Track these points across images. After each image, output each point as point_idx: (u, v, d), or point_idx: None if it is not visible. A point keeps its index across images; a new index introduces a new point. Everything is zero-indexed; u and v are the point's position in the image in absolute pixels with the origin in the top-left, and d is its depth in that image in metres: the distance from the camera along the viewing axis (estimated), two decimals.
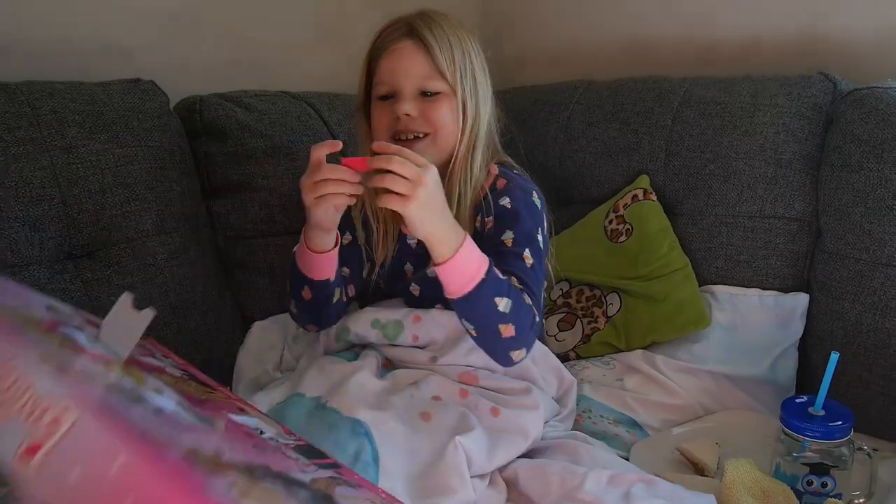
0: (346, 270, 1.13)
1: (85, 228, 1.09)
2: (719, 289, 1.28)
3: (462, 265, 0.93)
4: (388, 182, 0.87)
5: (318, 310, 1.10)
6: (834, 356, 0.92)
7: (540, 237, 1.07)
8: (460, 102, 1.04)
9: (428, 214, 0.90)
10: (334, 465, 0.75)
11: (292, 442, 0.77)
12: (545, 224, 1.09)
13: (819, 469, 0.91)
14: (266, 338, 1.24)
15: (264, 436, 0.75)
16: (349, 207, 1.12)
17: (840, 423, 0.91)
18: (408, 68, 1.03)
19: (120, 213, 1.12)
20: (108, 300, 1.04)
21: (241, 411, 0.80)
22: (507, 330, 0.96)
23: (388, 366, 1.11)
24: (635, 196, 1.36)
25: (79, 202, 1.08)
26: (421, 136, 1.04)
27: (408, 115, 1.02)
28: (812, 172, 1.24)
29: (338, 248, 1.04)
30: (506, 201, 1.06)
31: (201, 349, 1.18)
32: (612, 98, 1.47)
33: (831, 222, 1.20)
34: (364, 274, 1.17)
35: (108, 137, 1.12)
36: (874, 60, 1.31)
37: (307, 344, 1.19)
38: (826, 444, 0.91)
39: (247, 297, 1.30)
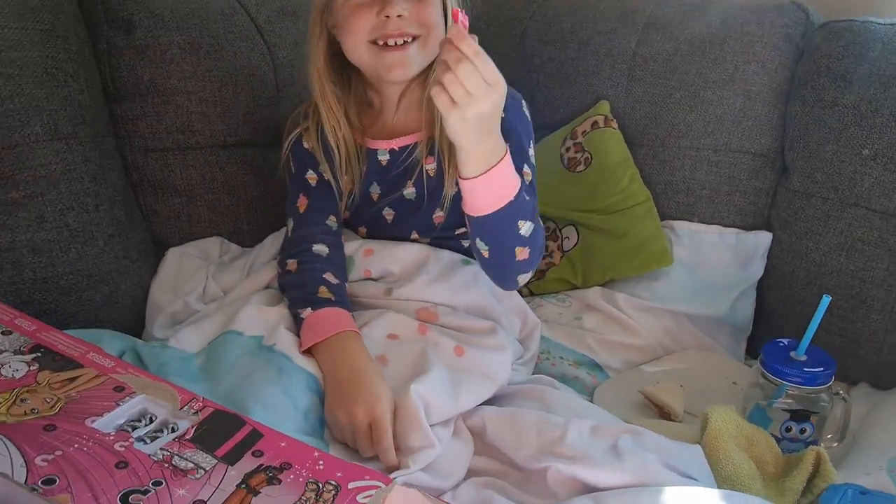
0: (332, 219, 1.01)
1: None
2: (679, 224, 1.22)
3: (493, 183, 0.83)
4: (447, 79, 0.75)
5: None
6: (825, 299, 0.87)
7: (531, 150, 0.98)
8: (450, 2, 0.91)
9: (470, 129, 0.79)
10: (249, 440, 0.64)
11: (192, 423, 0.65)
12: (532, 134, 1.00)
13: (799, 415, 0.88)
14: (184, 266, 1.08)
15: (148, 428, 0.64)
16: (303, 137, 1.00)
17: (822, 369, 0.88)
18: None
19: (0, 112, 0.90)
20: None
21: (118, 394, 0.66)
22: (522, 253, 0.88)
23: None
24: (595, 123, 1.26)
25: None
26: (410, 39, 0.91)
27: (400, 16, 0.88)
28: (780, 106, 1.19)
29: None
30: None
31: (106, 280, 0.99)
32: (570, 15, 1.35)
33: (799, 159, 1.15)
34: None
35: None
36: None
37: (237, 274, 1.04)
38: (806, 389, 0.88)
39: (160, 219, 1.11)
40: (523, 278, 0.92)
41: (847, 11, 1.21)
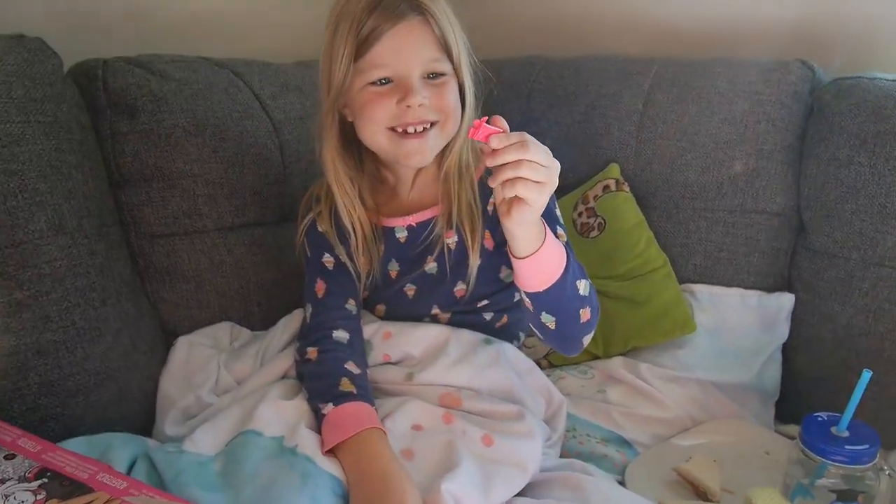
0: (352, 303, 0.98)
1: None
2: (699, 288, 1.20)
3: (549, 254, 0.84)
4: (525, 169, 0.75)
5: None
6: (866, 374, 0.85)
7: (557, 210, 0.97)
8: (466, 82, 0.91)
9: (536, 218, 0.81)
10: None
11: None
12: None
13: (846, 495, 0.84)
14: (195, 356, 1.04)
15: None
16: (316, 221, 0.98)
17: (867, 446, 0.84)
18: (417, 49, 0.87)
19: (4, 209, 0.87)
20: None
21: None
22: (586, 314, 0.89)
23: None
24: (606, 187, 1.24)
25: None
26: (429, 125, 0.89)
27: (421, 105, 0.87)
28: (794, 165, 1.18)
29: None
30: None
31: (115, 377, 0.95)
32: (574, 77, 1.35)
33: (817, 219, 1.13)
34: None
35: None
36: (848, 51, 1.26)
37: (251, 362, 1.00)
38: (852, 468, 0.84)
39: (168, 307, 1.08)
40: (588, 339, 0.92)
41: (851, 68, 1.20)
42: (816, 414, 0.89)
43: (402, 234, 0.98)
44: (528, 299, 0.88)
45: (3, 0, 1.05)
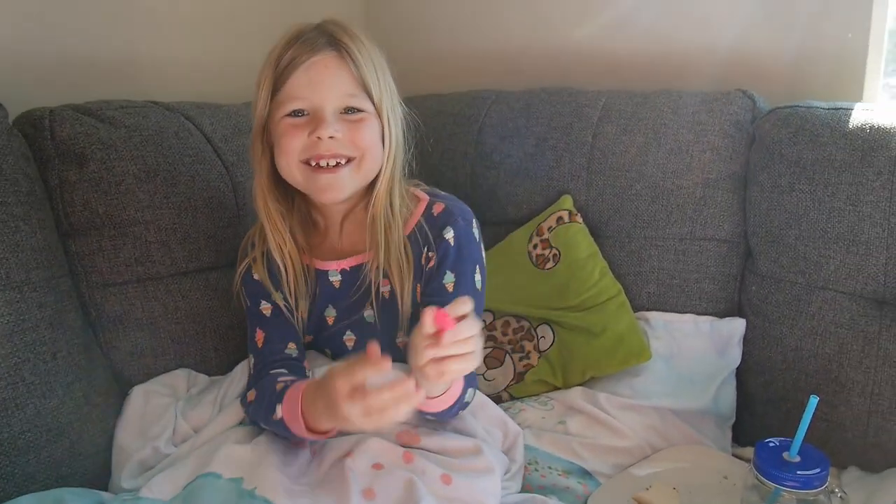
0: (292, 346, 0.98)
1: None
2: (653, 315, 1.22)
3: (451, 393, 0.87)
4: (459, 357, 0.75)
5: None
6: (813, 400, 0.87)
7: (479, 276, 0.98)
8: (386, 122, 0.91)
9: None
10: None
11: None
12: (483, 256, 0.99)
13: None
14: (151, 405, 1.02)
15: None
16: (251, 268, 0.99)
17: (818, 470, 0.86)
18: (332, 82, 0.88)
19: None
20: None
21: None
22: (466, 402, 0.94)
23: None
24: (560, 218, 1.26)
25: None
26: (343, 161, 0.90)
27: (332, 137, 0.87)
28: (739, 192, 1.21)
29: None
30: (450, 234, 0.95)
31: (67, 432, 0.93)
32: (525, 111, 1.37)
33: (763, 244, 1.17)
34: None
35: None
36: (784, 80, 1.31)
37: (208, 409, 0.99)
38: (804, 493, 0.86)
39: (122, 356, 1.06)
40: (464, 409, 0.96)
41: (791, 97, 1.24)
42: (768, 440, 0.91)
43: (335, 278, 0.98)
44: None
45: None
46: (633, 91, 1.33)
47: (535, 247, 1.27)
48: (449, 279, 0.94)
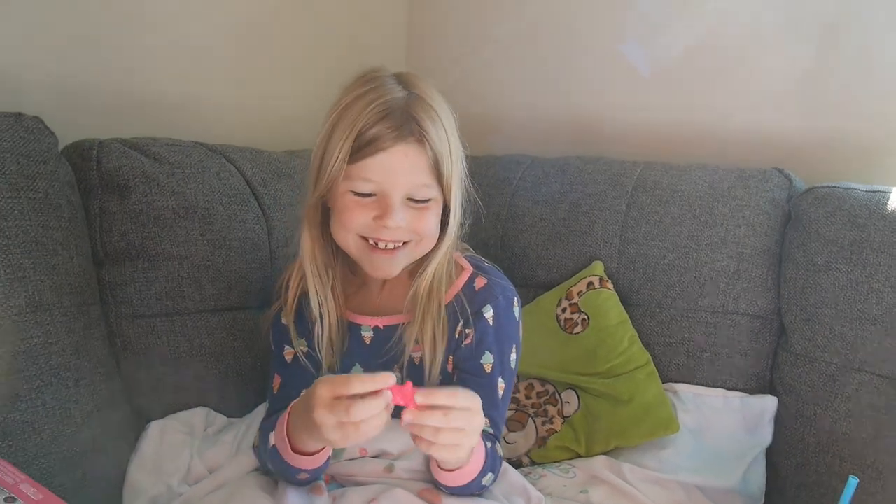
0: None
1: None
2: (682, 388, 1.19)
3: (466, 470, 0.87)
4: (438, 436, 0.74)
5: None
6: (852, 482, 0.83)
7: (514, 356, 0.97)
8: (452, 206, 0.90)
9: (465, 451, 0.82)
10: None
11: None
12: (520, 335, 0.99)
13: None
14: (167, 442, 1.00)
15: None
16: (281, 313, 0.98)
17: None
18: (408, 173, 0.85)
19: None
20: None
21: None
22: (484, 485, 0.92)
23: (329, 480, 0.92)
24: (591, 283, 1.26)
25: None
26: (401, 244, 0.89)
27: (398, 227, 0.86)
28: (773, 268, 1.20)
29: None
30: (489, 314, 0.94)
31: (80, 462, 0.91)
32: (559, 177, 1.38)
33: (798, 322, 1.15)
34: None
35: None
36: (821, 162, 1.31)
37: (226, 450, 0.97)
38: None
39: (143, 390, 1.04)
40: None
41: (826, 177, 1.25)
42: None
43: (367, 334, 0.96)
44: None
45: (9, 79, 1.07)
46: (668, 163, 1.34)
47: (563, 310, 1.26)
48: (487, 360, 0.93)
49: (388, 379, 0.72)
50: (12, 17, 1.08)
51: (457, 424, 0.74)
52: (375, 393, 0.71)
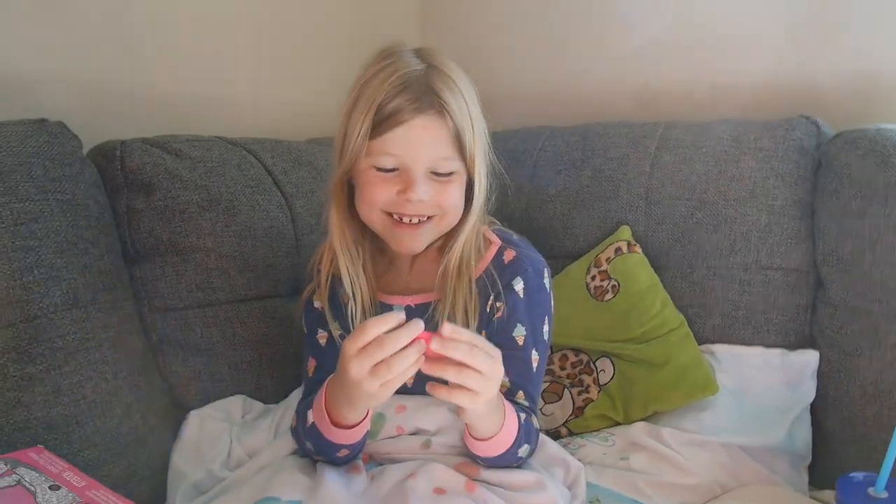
0: None
1: None
2: (719, 348, 1.17)
3: (499, 439, 0.86)
4: (460, 376, 0.73)
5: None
6: None
7: (547, 327, 0.96)
8: (477, 180, 0.89)
9: (486, 407, 0.80)
10: None
11: None
12: (552, 306, 0.98)
13: None
14: (207, 430, 1.03)
15: None
16: (313, 296, 0.98)
17: None
18: (429, 145, 0.85)
19: (19, 284, 0.88)
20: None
21: None
22: (517, 461, 0.92)
23: (367, 460, 0.92)
24: (618, 249, 1.24)
25: None
26: (425, 218, 0.89)
27: (421, 201, 0.86)
28: (806, 219, 1.17)
29: (370, 415, 0.86)
30: (520, 286, 0.93)
31: (125, 452, 0.94)
32: (580, 144, 1.37)
33: (835, 273, 1.12)
34: None
35: (4, 189, 0.90)
36: (848, 104, 1.27)
37: (264, 435, 0.99)
38: None
39: (180, 381, 1.07)
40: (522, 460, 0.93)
41: (853, 121, 1.21)
42: (852, 474, 0.84)
43: (399, 310, 0.95)
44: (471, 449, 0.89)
45: (32, 85, 1.10)
46: (691, 121, 1.31)
47: (593, 278, 1.25)
48: (520, 332, 0.93)
49: (417, 327, 0.72)
50: (31, 23, 1.10)
51: (479, 364, 0.73)
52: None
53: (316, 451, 0.89)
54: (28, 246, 0.90)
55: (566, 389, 1.19)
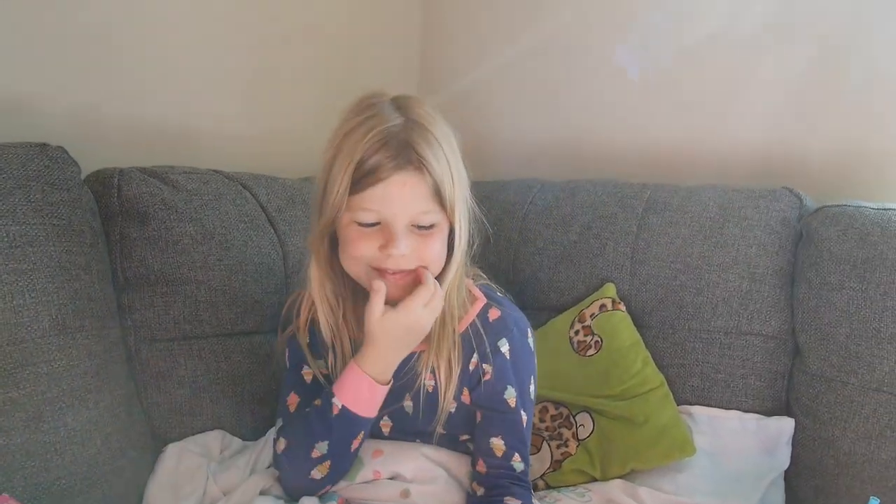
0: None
1: None
2: (697, 410, 1.18)
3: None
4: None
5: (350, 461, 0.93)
6: (873, 502, 0.82)
7: (532, 386, 0.98)
8: (458, 227, 0.89)
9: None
10: None
11: None
12: (535, 365, 0.99)
13: None
14: (184, 464, 1.02)
15: None
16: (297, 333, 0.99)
17: None
18: (409, 201, 0.85)
19: (10, 307, 0.88)
20: None
21: None
22: None
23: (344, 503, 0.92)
24: (603, 306, 1.26)
25: None
26: (408, 270, 0.89)
27: (403, 256, 0.86)
28: (785, 288, 1.20)
29: None
30: (506, 347, 0.94)
31: (100, 483, 0.93)
32: (570, 200, 1.40)
33: (813, 342, 1.14)
34: None
35: (2, 211, 0.90)
36: (830, 180, 1.32)
37: (240, 473, 0.98)
38: None
39: (160, 412, 1.06)
40: None
41: (837, 194, 1.25)
42: None
43: None
44: None
45: (34, 111, 1.11)
46: (678, 185, 1.35)
47: (576, 333, 1.27)
48: (510, 394, 0.94)
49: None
50: (34, 49, 1.12)
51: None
52: None
53: (329, 451, 0.89)
54: (21, 269, 0.90)
55: (545, 442, 1.19)
